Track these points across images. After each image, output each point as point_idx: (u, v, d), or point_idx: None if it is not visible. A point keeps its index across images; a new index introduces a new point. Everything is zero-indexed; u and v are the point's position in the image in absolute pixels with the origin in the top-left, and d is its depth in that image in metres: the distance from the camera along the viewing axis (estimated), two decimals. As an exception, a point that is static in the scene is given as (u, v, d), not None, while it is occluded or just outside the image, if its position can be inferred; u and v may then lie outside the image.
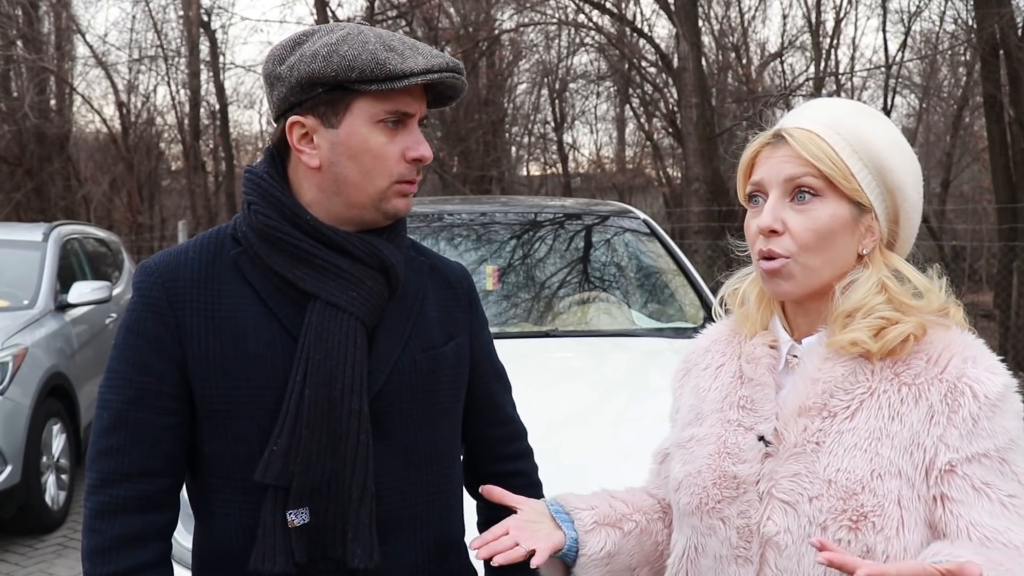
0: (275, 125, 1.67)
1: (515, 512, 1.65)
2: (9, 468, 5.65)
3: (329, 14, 15.95)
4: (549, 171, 21.66)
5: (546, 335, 4.12)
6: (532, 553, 1.55)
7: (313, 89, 1.58)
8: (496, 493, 1.69)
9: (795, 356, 1.56)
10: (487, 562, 1.71)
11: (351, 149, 1.60)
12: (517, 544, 1.56)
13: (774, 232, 1.50)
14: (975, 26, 12.41)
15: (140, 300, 1.62)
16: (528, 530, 1.61)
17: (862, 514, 1.41)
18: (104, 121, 18.61)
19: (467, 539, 1.81)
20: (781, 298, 1.57)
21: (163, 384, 1.60)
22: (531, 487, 1.92)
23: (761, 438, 1.53)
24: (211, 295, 1.61)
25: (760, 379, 1.58)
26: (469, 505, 1.86)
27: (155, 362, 1.59)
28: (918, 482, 1.42)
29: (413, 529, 1.69)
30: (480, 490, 1.72)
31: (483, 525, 1.92)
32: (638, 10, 18.30)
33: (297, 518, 1.57)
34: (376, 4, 16.37)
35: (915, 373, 1.45)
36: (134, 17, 19.19)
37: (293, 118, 1.61)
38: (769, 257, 1.51)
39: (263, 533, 1.57)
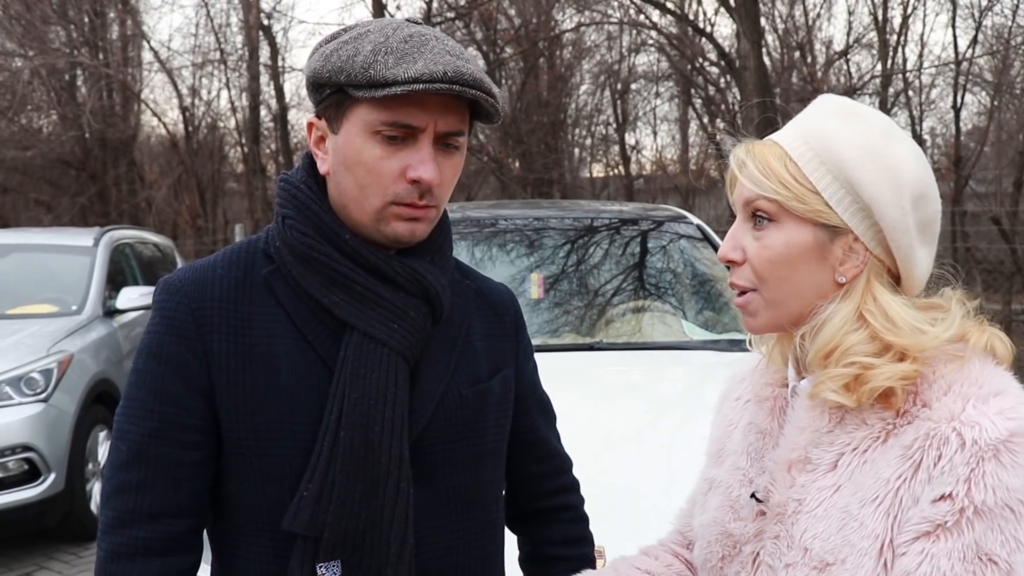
0: None
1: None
2: (53, 475, 5.61)
3: (387, 16, 15.90)
4: (612, 172, 21.44)
5: (590, 348, 3.92)
6: None
7: (321, 90, 1.45)
8: None
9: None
10: None
11: (347, 159, 1.44)
12: None
13: (733, 262, 1.32)
14: (1051, 20, 11.98)
15: (163, 321, 1.45)
16: None
17: None
18: (165, 127, 18.80)
19: None
20: (753, 333, 1.38)
21: (188, 415, 1.44)
22: (578, 521, 1.79)
23: (753, 495, 1.34)
24: (241, 318, 1.45)
25: (762, 425, 1.39)
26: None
27: (180, 391, 1.43)
28: None
29: None
30: None
31: (524, 562, 1.79)
32: (700, 9, 18.06)
33: (328, 572, 1.40)
34: (433, 6, 16.28)
35: (906, 421, 1.21)
36: (197, 24, 19.40)
37: (309, 119, 1.51)
38: (736, 290, 1.33)
39: None
